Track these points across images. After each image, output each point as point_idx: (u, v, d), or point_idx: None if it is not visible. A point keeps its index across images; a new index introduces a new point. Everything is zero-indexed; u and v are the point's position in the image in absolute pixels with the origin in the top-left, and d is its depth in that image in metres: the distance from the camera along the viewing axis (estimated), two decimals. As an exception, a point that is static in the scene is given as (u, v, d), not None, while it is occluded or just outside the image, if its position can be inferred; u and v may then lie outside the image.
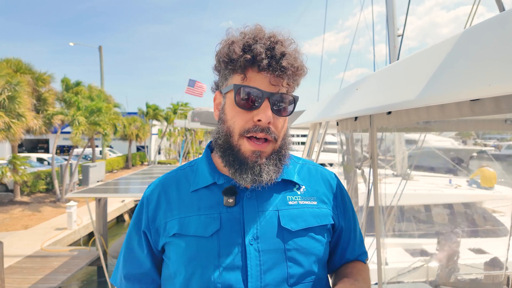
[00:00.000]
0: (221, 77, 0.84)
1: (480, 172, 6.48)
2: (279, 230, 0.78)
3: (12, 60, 11.66)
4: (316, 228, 0.81)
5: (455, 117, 0.82)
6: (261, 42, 0.75)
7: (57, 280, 6.90)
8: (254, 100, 0.76)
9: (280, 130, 0.80)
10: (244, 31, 0.79)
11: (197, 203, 0.81)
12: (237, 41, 0.77)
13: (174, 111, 23.95)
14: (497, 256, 3.73)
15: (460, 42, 0.72)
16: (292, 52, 0.77)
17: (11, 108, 9.55)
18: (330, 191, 0.89)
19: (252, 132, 0.76)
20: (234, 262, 0.75)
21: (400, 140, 7.31)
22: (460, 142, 18.78)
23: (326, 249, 0.83)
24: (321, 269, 0.81)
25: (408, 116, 1.08)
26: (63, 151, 26.33)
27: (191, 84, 9.41)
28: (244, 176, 0.77)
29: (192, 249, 0.77)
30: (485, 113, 0.71)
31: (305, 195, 0.84)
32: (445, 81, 0.74)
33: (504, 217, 5.60)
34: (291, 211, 0.80)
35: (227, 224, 0.78)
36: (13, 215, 11.07)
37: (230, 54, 0.76)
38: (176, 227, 0.79)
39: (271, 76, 0.75)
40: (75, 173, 13.49)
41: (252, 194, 0.81)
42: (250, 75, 0.76)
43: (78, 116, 12.40)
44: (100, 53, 21.41)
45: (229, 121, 0.79)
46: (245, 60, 0.74)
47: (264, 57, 0.73)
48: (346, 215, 0.91)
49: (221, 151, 0.81)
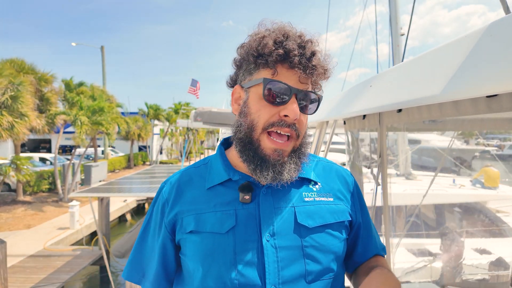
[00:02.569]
0: (244, 71, 0.83)
1: (484, 172, 6.45)
2: (296, 227, 0.77)
3: (16, 61, 11.71)
4: (334, 224, 0.81)
5: (470, 115, 0.81)
6: (292, 39, 0.76)
7: (60, 280, 6.92)
8: (283, 95, 0.75)
9: (303, 127, 0.80)
10: (272, 28, 0.79)
11: (213, 200, 0.81)
12: (267, 36, 0.76)
13: (176, 111, 23.96)
14: (502, 256, 3.71)
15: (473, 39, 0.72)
16: (320, 50, 0.78)
17: (14, 107, 9.57)
18: (345, 187, 0.89)
19: (276, 126, 0.76)
20: (250, 259, 0.75)
21: (404, 140, 7.29)
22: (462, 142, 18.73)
23: (344, 246, 0.83)
24: (339, 266, 0.81)
25: (420, 114, 1.07)
26: (65, 151, 26.38)
27: (194, 84, 9.42)
28: (265, 173, 0.76)
29: (208, 246, 0.77)
30: (503, 109, 0.70)
31: (321, 191, 0.84)
32: (460, 77, 0.73)
33: (508, 217, 5.58)
34: (308, 208, 0.80)
35: (243, 220, 0.77)
36: (16, 215, 11.10)
37: (261, 48, 0.75)
38: (193, 223, 0.79)
39: (301, 74, 0.75)
40: (77, 173, 13.52)
41: (268, 190, 0.80)
42: (280, 70, 0.76)
43: (81, 116, 12.42)
44: (102, 53, 21.46)
45: (253, 114, 0.78)
46: (277, 55, 0.74)
47: (296, 53, 0.74)
48: (363, 212, 0.91)
49: (240, 145, 0.80)
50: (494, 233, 5.16)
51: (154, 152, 26.69)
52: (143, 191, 7.51)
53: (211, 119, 7.15)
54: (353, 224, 0.88)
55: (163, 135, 26.28)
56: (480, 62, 0.68)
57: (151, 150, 26.66)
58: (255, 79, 0.79)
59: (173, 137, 27.70)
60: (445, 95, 0.76)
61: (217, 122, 7.21)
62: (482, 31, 0.67)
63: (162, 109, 24.89)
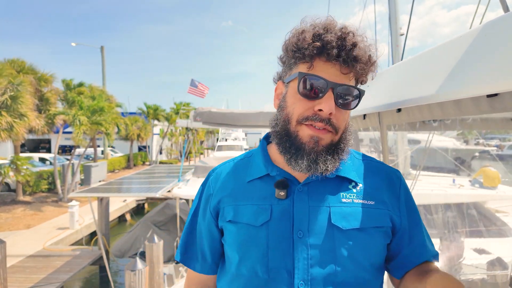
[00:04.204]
0: (286, 67, 0.83)
1: (483, 172, 6.45)
2: (329, 227, 0.76)
3: (16, 61, 11.70)
4: (370, 229, 0.77)
5: (471, 114, 0.81)
6: (332, 32, 0.73)
7: (60, 280, 6.91)
8: (318, 89, 0.74)
9: (341, 122, 0.77)
10: (315, 23, 0.77)
11: (251, 193, 0.83)
12: (307, 30, 0.75)
13: (177, 111, 23.95)
14: (501, 256, 3.71)
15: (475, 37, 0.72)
16: (363, 44, 0.74)
17: (13, 108, 9.56)
18: (391, 190, 0.83)
19: (310, 120, 0.75)
20: (281, 253, 0.76)
21: (403, 140, 7.28)
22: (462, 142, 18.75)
23: (381, 253, 0.79)
24: (372, 273, 0.78)
25: (421, 113, 1.06)
26: (65, 151, 26.35)
27: (193, 84, 9.40)
28: (299, 161, 0.75)
29: (243, 236, 0.80)
30: (506, 109, 0.70)
31: (362, 193, 0.80)
32: (460, 76, 0.73)
33: (507, 217, 5.58)
34: (344, 209, 0.78)
35: (277, 216, 0.78)
36: (15, 215, 11.09)
37: (299, 43, 0.74)
38: (232, 213, 0.82)
39: (340, 67, 0.73)
40: (77, 173, 13.51)
41: (304, 188, 0.79)
42: (317, 64, 0.74)
43: (80, 116, 12.40)
44: (102, 53, 21.44)
45: (288, 108, 0.78)
46: (314, 48, 0.72)
47: (334, 45, 0.71)
48: (411, 216, 0.84)
49: (278, 138, 0.80)
50: (493, 233, 5.16)
51: (154, 152, 26.66)
52: (143, 191, 7.49)
53: (210, 119, 7.14)
54: (397, 230, 0.82)
55: (162, 135, 26.26)
56: (479, 61, 0.68)
57: (151, 150, 26.64)
58: (293, 74, 0.78)
59: (172, 137, 27.68)
60: (444, 95, 0.76)
61: (217, 122, 7.19)
62: (480, 30, 0.67)
63: (161, 109, 24.87)
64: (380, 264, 0.81)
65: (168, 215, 8.77)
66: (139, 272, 4.23)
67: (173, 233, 8.19)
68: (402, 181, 0.86)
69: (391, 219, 0.80)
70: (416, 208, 0.86)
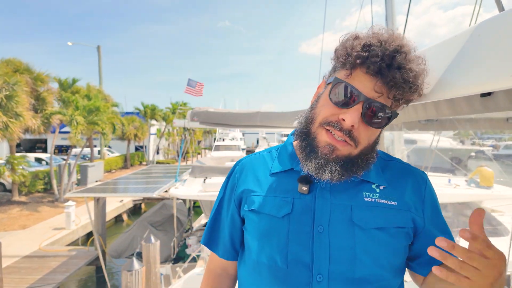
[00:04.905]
0: (332, 68, 0.83)
1: (479, 171, 6.49)
2: (350, 225, 0.76)
3: (12, 61, 11.63)
4: (391, 229, 0.76)
5: (465, 114, 0.81)
6: (385, 46, 0.70)
7: (55, 280, 6.88)
8: (348, 100, 0.73)
9: (364, 138, 0.75)
10: (378, 32, 0.74)
11: (275, 185, 0.84)
12: (362, 37, 0.74)
13: (173, 111, 23.90)
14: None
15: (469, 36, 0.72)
16: (412, 67, 0.71)
17: (9, 107, 9.51)
18: (416, 192, 0.82)
19: (332, 126, 0.74)
20: (301, 246, 0.77)
21: (400, 140, 7.31)
22: (458, 142, 18.85)
23: (401, 252, 0.79)
24: (391, 273, 0.78)
25: (416, 113, 1.07)
26: (61, 151, 26.23)
27: (191, 84, 9.38)
28: (307, 163, 0.77)
29: (264, 227, 0.81)
30: (498, 108, 0.71)
31: (385, 193, 0.80)
32: (454, 75, 0.74)
33: (503, 216, 5.62)
34: (366, 208, 0.77)
35: (298, 209, 0.79)
36: (11, 215, 11.02)
37: (348, 48, 0.74)
38: (254, 203, 0.84)
39: (378, 82, 0.71)
40: (73, 173, 13.44)
41: (327, 185, 0.80)
42: (357, 73, 0.73)
43: (76, 116, 12.35)
44: (99, 53, 21.36)
45: (317, 108, 0.80)
46: (358, 57, 0.71)
47: (378, 60, 0.69)
48: (435, 218, 0.83)
49: (299, 135, 0.83)
50: (488, 232, 5.19)
51: (151, 152, 26.60)
52: (140, 191, 7.48)
53: (208, 119, 7.11)
54: (419, 231, 0.81)
55: (159, 135, 26.21)
56: (473, 60, 0.69)
57: (148, 150, 26.58)
58: (332, 77, 0.79)
59: (170, 137, 27.62)
60: (438, 94, 0.76)
61: (214, 122, 7.17)
62: (473, 29, 0.68)
63: (159, 109, 24.82)
64: (400, 264, 0.80)
65: (165, 215, 8.76)
66: (135, 272, 4.22)
67: (170, 233, 8.18)
68: (428, 183, 0.85)
69: (413, 220, 0.79)
70: (439, 211, 0.86)
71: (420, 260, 0.83)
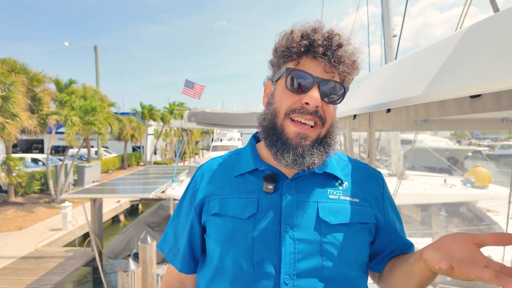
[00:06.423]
0: (275, 68, 0.86)
1: (474, 172, 6.53)
2: (317, 222, 0.77)
3: (8, 61, 11.55)
4: (356, 224, 0.79)
5: (454, 115, 0.82)
6: (320, 32, 0.77)
7: (52, 281, 6.85)
8: (305, 84, 0.77)
9: (328, 115, 0.80)
10: (306, 25, 0.80)
11: (239, 187, 0.84)
12: (296, 30, 0.79)
13: (171, 112, 23.86)
14: (491, 255, 3.75)
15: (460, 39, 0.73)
16: (349, 47, 0.78)
17: (5, 108, 9.46)
18: (375, 190, 0.87)
19: (298, 113, 0.77)
20: (268, 247, 0.76)
21: (396, 140, 7.35)
22: (455, 142, 18.94)
23: (365, 248, 0.82)
24: (357, 269, 0.80)
25: (408, 114, 1.08)
26: (58, 152, 26.09)
27: (188, 85, 9.35)
28: (285, 155, 0.77)
29: (228, 229, 0.80)
30: (485, 110, 0.72)
31: (348, 191, 0.83)
32: (445, 78, 0.75)
33: (498, 216, 5.65)
34: (331, 205, 0.80)
35: (264, 209, 0.79)
36: (7, 216, 10.96)
37: (288, 42, 0.78)
38: (217, 207, 0.83)
39: (325, 64, 0.76)
40: (70, 173, 13.38)
41: (292, 183, 0.81)
42: (304, 61, 0.78)
43: (72, 116, 12.28)
44: (96, 53, 21.29)
45: (276, 103, 0.81)
46: (301, 46, 0.76)
47: (320, 44, 0.75)
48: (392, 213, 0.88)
49: (265, 132, 0.82)
50: (484, 232, 5.22)
51: (148, 152, 26.54)
52: (137, 192, 7.46)
53: (205, 119, 7.12)
54: (380, 227, 0.85)
55: (157, 136, 26.15)
56: (463, 62, 0.70)
57: (145, 150, 26.51)
58: (281, 71, 0.81)
59: (167, 138, 27.56)
60: (430, 96, 0.77)
61: (211, 123, 7.18)
62: (464, 32, 0.69)
63: (156, 109, 24.77)
64: (364, 261, 0.83)
65: (162, 216, 8.74)
66: (132, 273, 4.22)
67: (167, 234, 8.14)
68: (384, 182, 0.91)
69: (375, 216, 0.83)
70: (394, 206, 0.91)
71: (378, 258, 0.87)
